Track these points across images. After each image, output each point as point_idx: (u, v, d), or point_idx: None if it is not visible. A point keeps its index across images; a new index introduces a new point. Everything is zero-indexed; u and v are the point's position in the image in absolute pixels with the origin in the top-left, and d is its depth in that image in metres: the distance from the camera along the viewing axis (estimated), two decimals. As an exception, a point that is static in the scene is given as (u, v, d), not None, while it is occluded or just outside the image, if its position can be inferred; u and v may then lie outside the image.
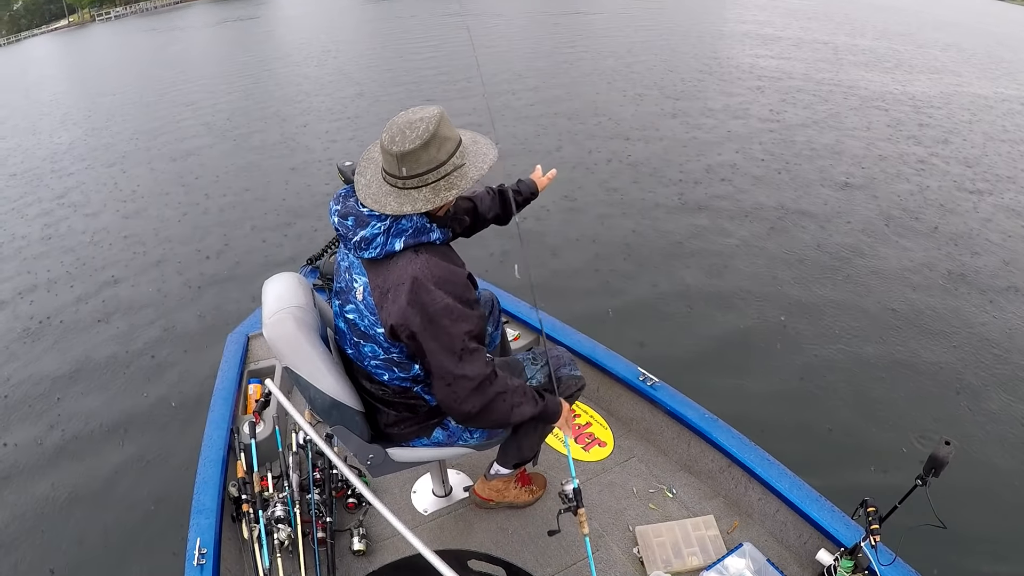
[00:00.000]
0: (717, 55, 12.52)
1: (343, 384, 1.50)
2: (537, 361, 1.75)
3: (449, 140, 1.32)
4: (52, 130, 10.36)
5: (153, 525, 2.63)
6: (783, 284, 4.27)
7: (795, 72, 10.93)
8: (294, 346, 1.44)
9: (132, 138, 9.02)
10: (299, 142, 7.90)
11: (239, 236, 5.38)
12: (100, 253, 5.30)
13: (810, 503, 1.80)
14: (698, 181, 6.01)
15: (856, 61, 12.46)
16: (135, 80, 14.77)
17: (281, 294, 1.51)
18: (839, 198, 5.65)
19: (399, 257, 1.34)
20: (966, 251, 4.77)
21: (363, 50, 16.13)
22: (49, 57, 26.79)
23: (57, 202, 6.65)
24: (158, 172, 7.33)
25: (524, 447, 1.89)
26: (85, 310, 4.43)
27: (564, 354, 1.80)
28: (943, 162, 6.69)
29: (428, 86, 10.42)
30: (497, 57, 12.73)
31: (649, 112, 8.33)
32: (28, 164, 8.42)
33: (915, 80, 10.90)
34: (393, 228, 1.33)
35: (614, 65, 11.53)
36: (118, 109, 11.35)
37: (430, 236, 1.36)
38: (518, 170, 2.32)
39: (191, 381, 3.54)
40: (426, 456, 1.68)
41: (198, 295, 4.49)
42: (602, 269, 4.48)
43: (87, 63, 22.02)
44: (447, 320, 1.32)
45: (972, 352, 3.63)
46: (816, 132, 7.52)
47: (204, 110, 10.30)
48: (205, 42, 22.65)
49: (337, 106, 9.59)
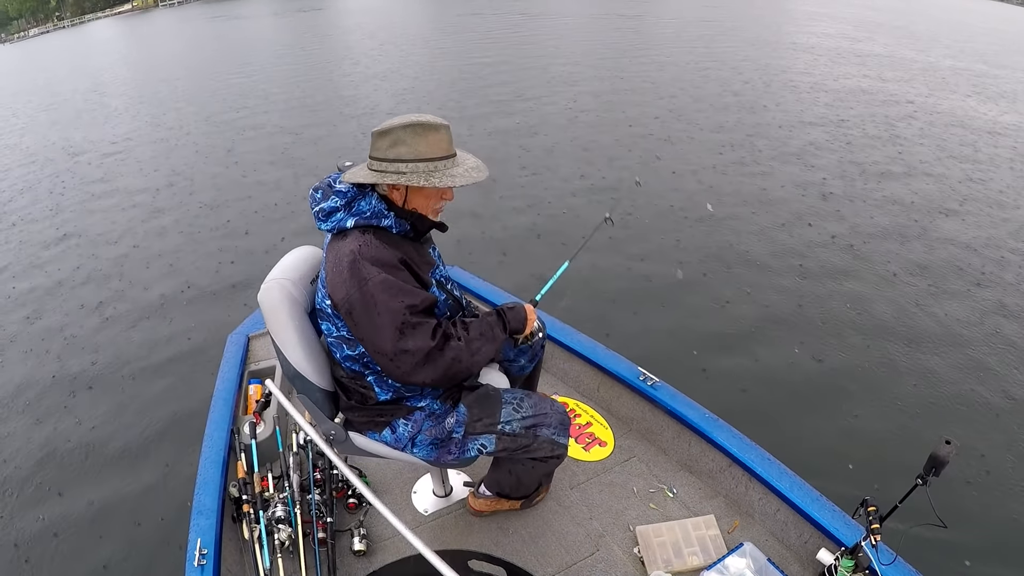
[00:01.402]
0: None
1: (311, 359, 1.57)
2: (521, 408, 1.65)
3: (404, 145, 1.41)
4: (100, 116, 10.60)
5: (153, 525, 2.63)
6: (784, 287, 4.28)
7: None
8: (275, 314, 1.54)
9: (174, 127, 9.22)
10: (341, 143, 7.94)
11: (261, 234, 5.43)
12: (110, 251, 5.32)
13: (810, 503, 1.80)
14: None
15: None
16: (198, 66, 15.21)
17: (286, 265, 1.61)
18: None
19: (348, 234, 1.44)
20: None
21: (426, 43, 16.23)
22: (114, 40, 27.69)
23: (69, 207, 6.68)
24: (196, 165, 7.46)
25: (503, 484, 1.91)
26: (85, 309, 4.44)
27: (557, 413, 1.70)
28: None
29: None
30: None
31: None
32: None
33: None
34: (353, 207, 1.45)
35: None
36: (168, 96, 11.74)
37: (382, 221, 1.45)
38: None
39: (191, 381, 3.54)
40: (381, 452, 1.68)
41: (199, 294, 4.50)
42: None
43: (153, 48, 22.74)
44: (385, 295, 1.37)
45: (973, 352, 3.63)
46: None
47: (255, 100, 10.57)
48: (268, 31, 23.09)
49: (389, 102, 9.61)
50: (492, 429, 1.62)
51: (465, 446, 1.62)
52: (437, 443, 1.61)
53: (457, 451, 1.63)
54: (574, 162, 6.65)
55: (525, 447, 1.66)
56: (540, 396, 1.74)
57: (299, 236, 5.17)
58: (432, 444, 1.61)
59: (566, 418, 1.73)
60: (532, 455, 1.70)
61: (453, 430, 1.60)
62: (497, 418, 1.62)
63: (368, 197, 1.47)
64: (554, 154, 6.94)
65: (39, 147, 9.24)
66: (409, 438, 1.60)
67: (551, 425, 1.68)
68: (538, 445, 1.67)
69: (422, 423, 1.59)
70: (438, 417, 1.61)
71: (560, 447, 1.71)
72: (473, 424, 1.61)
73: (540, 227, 5.18)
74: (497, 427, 1.62)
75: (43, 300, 4.65)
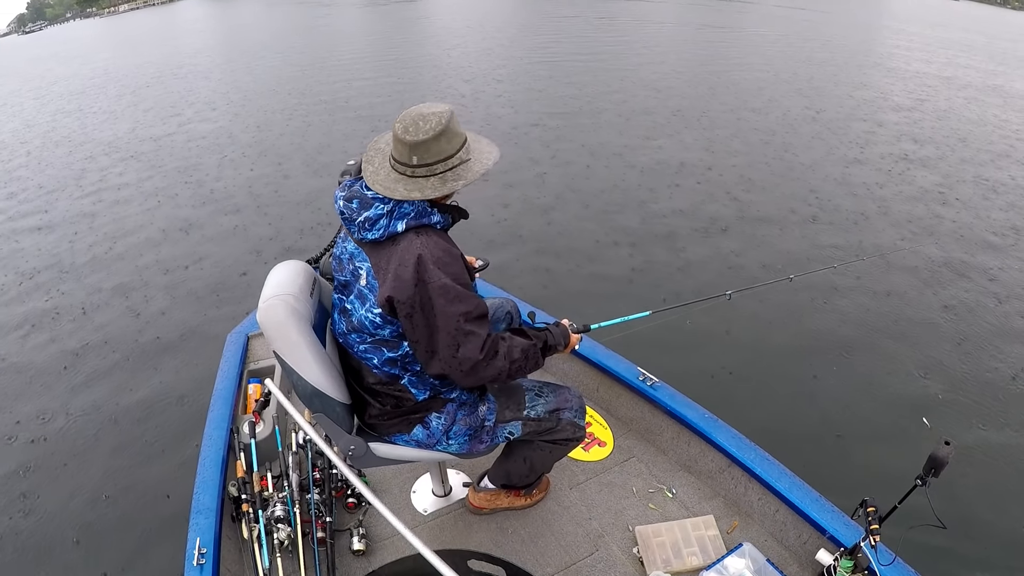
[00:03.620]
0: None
1: (328, 375, 1.52)
2: (543, 394, 1.75)
3: (458, 136, 1.41)
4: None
5: (153, 525, 2.63)
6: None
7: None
8: (282, 332, 1.47)
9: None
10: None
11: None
12: (119, 240, 5.32)
13: (810, 503, 1.80)
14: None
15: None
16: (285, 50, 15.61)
17: (281, 280, 1.53)
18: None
19: (401, 238, 1.40)
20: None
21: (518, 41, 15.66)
22: (204, 19, 27.72)
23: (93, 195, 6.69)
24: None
25: (513, 473, 1.92)
26: (85, 306, 4.44)
27: (575, 397, 1.80)
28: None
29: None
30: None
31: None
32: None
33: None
34: (396, 211, 1.39)
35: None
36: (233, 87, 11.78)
37: (431, 219, 1.42)
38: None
39: (191, 381, 3.54)
40: (407, 456, 1.68)
41: (197, 294, 4.50)
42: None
43: (241, 31, 22.92)
44: (443, 300, 1.36)
45: (973, 353, 3.63)
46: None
47: (312, 94, 10.51)
48: (355, 20, 22.95)
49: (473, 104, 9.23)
50: (519, 415, 1.70)
51: (495, 433, 1.69)
52: (471, 433, 1.65)
53: (488, 439, 1.69)
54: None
55: (549, 430, 1.74)
56: (556, 383, 1.84)
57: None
58: (467, 434, 1.65)
59: (583, 402, 1.82)
60: (554, 437, 1.77)
61: (486, 418, 1.66)
62: (524, 404, 1.71)
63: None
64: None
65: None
66: (443, 431, 1.62)
67: (572, 408, 1.77)
68: (561, 428, 1.75)
69: (455, 413, 1.62)
70: (470, 406, 1.65)
71: (581, 429, 1.79)
72: (503, 412, 1.68)
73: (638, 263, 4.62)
74: (524, 412, 1.70)
75: (44, 290, 4.66)
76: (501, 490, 2.01)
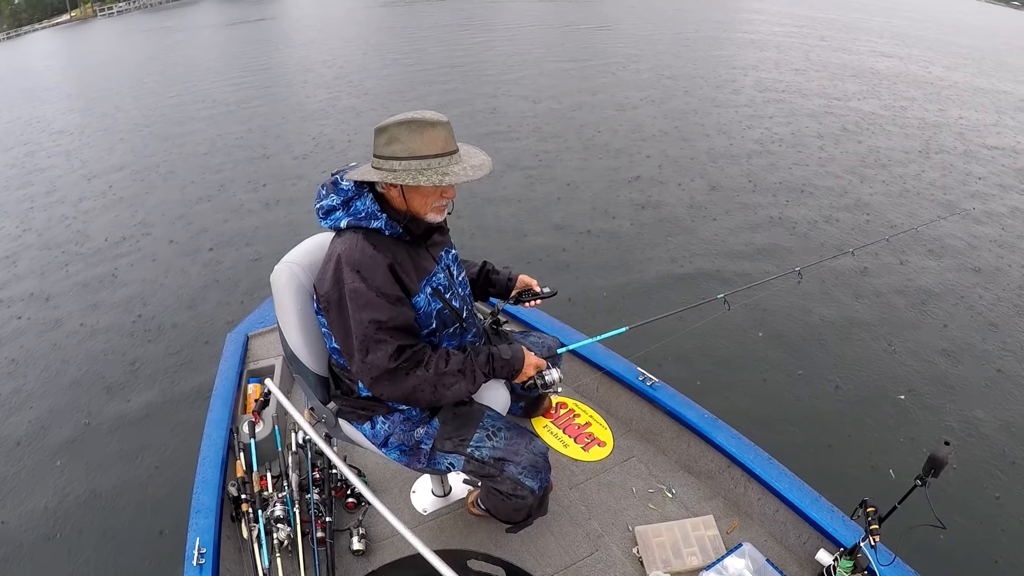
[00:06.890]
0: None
1: (308, 344, 1.61)
2: (495, 437, 1.57)
3: (397, 142, 1.39)
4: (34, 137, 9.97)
5: (152, 525, 2.63)
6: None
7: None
8: (279, 295, 1.60)
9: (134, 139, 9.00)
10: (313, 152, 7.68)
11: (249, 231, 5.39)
12: (91, 246, 5.31)
13: (810, 503, 1.80)
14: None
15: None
16: (139, 77, 14.61)
17: (301, 250, 1.65)
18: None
19: (342, 234, 1.47)
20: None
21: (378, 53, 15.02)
22: (52, 54, 26.16)
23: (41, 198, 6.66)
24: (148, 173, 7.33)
25: (488, 504, 1.82)
26: (84, 305, 4.43)
27: (530, 453, 1.57)
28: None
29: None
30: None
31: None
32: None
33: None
34: (351, 206, 1.45)
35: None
36: (115, 111, 11.20)
37: (371, 223, 1.44)
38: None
39: (190, 380, 3.54)
40: (366, 445, 1.69)
41: (198, 293, 4.50)
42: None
43: (91, 61, 21.61)
44: (353, 304, 1.39)
45: (973, 353, 3.63)
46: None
47: (206, 112, 10.26)
48: (214, 42, 21.94)
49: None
50: (460, 450, 1.56)
51: (434, 459, 1.58)
52: (406, 449, 1.60)
53: (426, 461, 1.60)
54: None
55: (491, 477, 1.57)
56: (523, 430, 1.62)
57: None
58: (400, 449, 1.60)
59: (541, 461, 1.59)
60: (496, 487, 1.59)
61: (422, 441, 1.58)
62: (468, 440, 1.55)
63: (364, 196, 1.46)
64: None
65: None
66: (384, 437, 1.60)
67: (519, 464, 1.55)
68: (502, 480, 1.56)
69: (398, 425, 1.59)
70: (412, 423, 1.59)
71: (523, 489, 1.56)
72: (443, 440, 1.57)
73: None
74: (466, 449, 1.55)
75: (41, 288, 4.65)
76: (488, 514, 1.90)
